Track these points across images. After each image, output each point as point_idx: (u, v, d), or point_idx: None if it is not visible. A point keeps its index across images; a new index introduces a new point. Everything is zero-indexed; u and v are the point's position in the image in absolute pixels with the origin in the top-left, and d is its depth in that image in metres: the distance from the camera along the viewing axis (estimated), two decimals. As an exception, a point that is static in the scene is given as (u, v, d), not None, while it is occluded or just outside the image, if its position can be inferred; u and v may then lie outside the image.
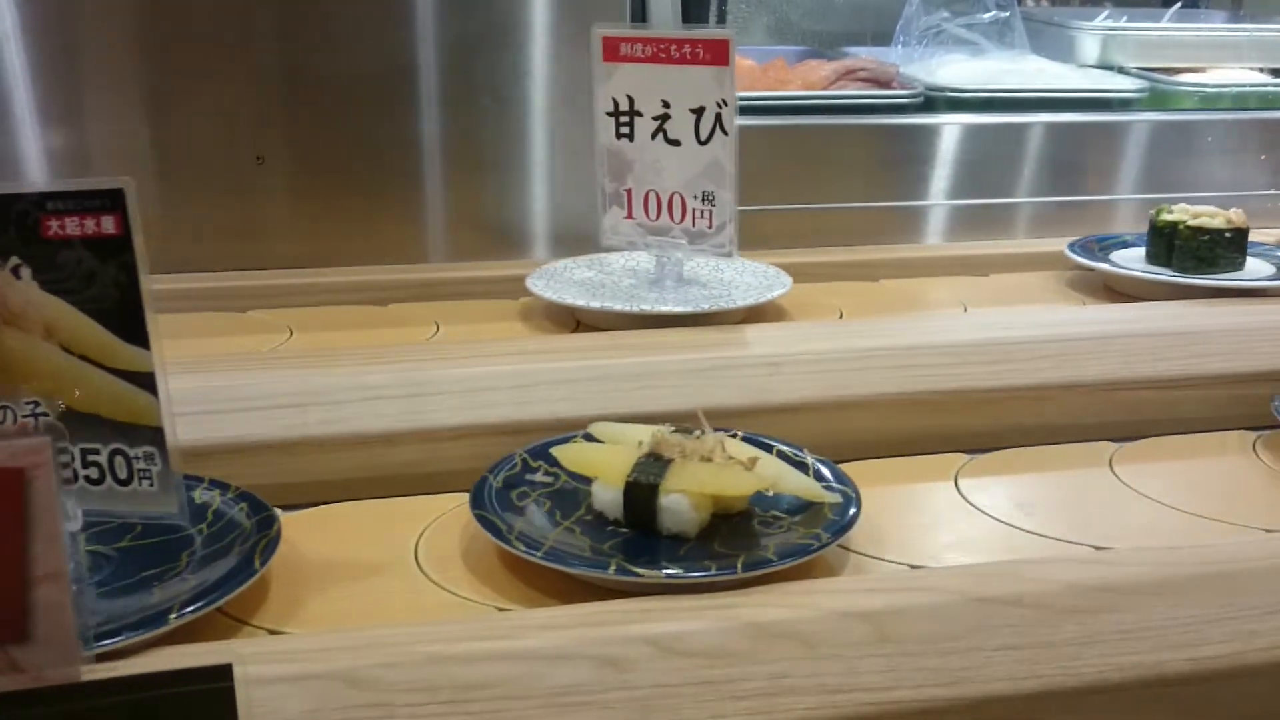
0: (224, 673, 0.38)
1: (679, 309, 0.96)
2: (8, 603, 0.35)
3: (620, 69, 0.98)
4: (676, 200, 0.99)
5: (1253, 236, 1.12)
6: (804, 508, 0.67)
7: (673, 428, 0.69)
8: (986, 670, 0.54)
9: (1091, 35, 1.58)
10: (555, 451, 0.70)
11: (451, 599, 0.62)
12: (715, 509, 0.65)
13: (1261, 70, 1.59)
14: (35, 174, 1.08)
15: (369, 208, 1.16)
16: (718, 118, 0.95)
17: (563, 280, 1.05)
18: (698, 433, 0.68)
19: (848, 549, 0.67)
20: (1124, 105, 1.40)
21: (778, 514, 0.67)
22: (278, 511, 0.65)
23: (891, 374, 0.83)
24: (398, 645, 0.52)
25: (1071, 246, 1.16)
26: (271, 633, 0.58)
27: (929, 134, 1.31)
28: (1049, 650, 0.54)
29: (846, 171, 1.29)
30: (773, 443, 0.73)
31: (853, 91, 1.36)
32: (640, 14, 1.22)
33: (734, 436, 0.71)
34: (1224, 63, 1.58)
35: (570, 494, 0.69)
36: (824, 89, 1.36)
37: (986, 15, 1.56)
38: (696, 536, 0.64)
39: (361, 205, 1.16)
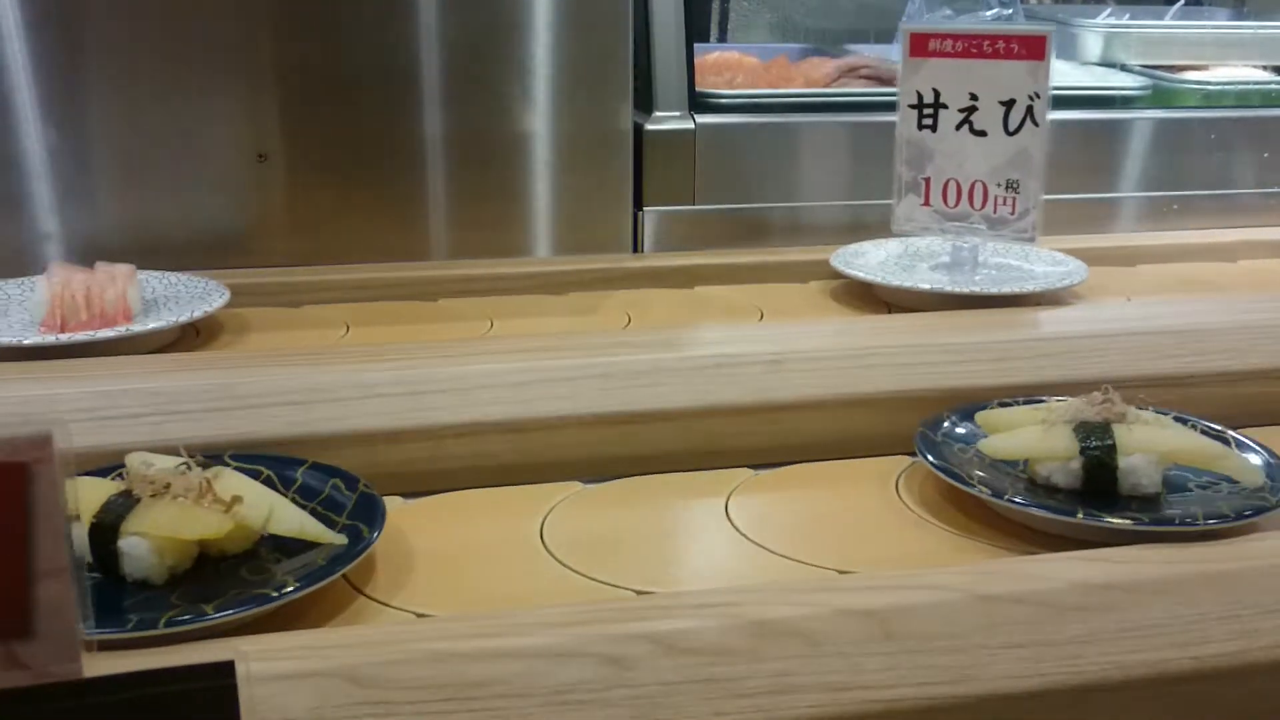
0: (226, 670, 0.38)
1: (1004, 290, 1.02)
2: (10, 598, 0.35)
3: (927, 64, 1.03)
4: (978, 188, 1.04)
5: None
6: (312, 548, 0.62)
7: (181, 462, 0.62)
8: (990, 668, 0.53)
9: (1094, 32, 1.58)
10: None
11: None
12: (212, 551, 0.61)
13: (1264, 68, 1.59)
14: (36, 172, 1.08)
15: (371, 205, 1.16)
16: (1029, 109, 1.01)
17: (863, 262, 1.12)
18: (181, 466, 0.62)
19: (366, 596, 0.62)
20: (1126, 103, 1.40)
21: (280, 556, 0.62)
22: None
23: (893, 372, 0.83)
24: (400, 642, 0.52)
25: None
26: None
27: (931, 132, 1.30)
28: (1052, 648, 0.54)
29: (849, 169, 1.29)
30: (338, 475, 0.68)
31: (855, 89, 1.36)
32: (643, 10, 1.22)
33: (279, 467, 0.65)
34: (1227, 60, 1.58)
35: None
36: (826, 86, 1.36)
37: (989, 13, 1.55)
38: (164, 583, 0.59)
39: (364, 203, 1.16)
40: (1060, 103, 1.36)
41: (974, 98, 1.02)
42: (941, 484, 0.73)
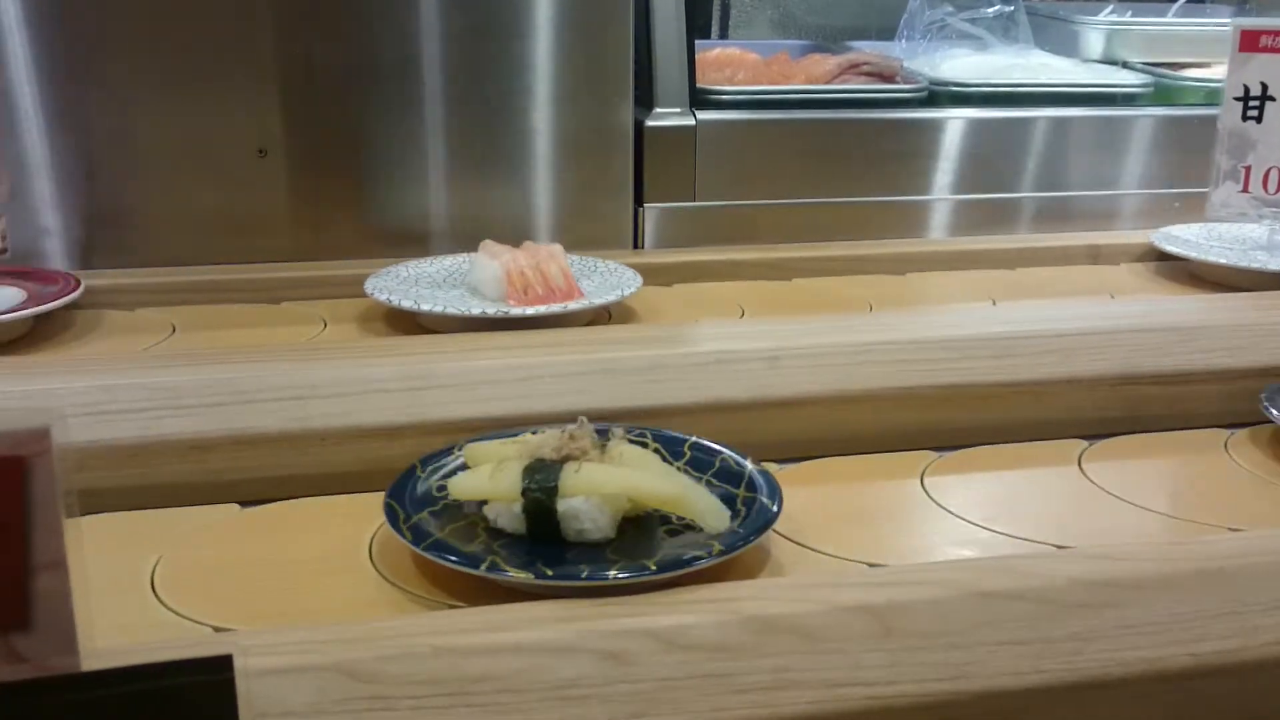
0: (224, 664, 0.38)
1: None
2: (8, 591, 0.35)
3: (1256, 59, 1.11)
4: None
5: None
6: None
7: None
8: (989, 665, 0.53)
9: (1096, 30, 1.58)
10: None
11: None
12: None
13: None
14: (36, 167, 1.08)
15: (371, 201, 1.16)
16: None
17: (1179, 242, 1.20)
18: None
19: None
20: (1128, 100, 1.40)
21: None
22: None
23: (892, 369, 0.83)
24: (399, 637, 0.52)
25: None
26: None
27: (933, 128, 1.30)
28: (1051, 645, 0.54)
29: (850, 166, 1.29)
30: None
31: (856, 86, 1.36)
32: (644, 6, 1.22)
33: None
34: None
35: None
36: (827, 83, 1.36)
37: (991, 10, 1.55)
38: None
39: (364, 199, 1.16)
40: (1061, 100, 1.36)
41: None
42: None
